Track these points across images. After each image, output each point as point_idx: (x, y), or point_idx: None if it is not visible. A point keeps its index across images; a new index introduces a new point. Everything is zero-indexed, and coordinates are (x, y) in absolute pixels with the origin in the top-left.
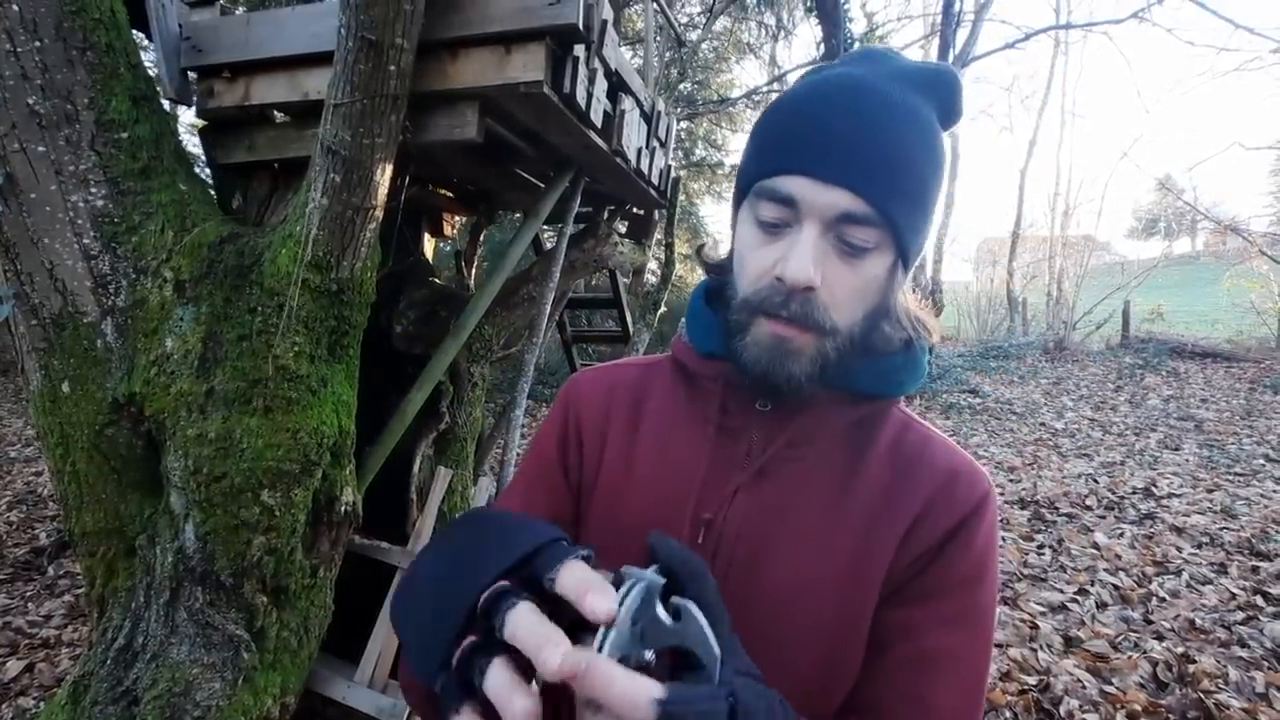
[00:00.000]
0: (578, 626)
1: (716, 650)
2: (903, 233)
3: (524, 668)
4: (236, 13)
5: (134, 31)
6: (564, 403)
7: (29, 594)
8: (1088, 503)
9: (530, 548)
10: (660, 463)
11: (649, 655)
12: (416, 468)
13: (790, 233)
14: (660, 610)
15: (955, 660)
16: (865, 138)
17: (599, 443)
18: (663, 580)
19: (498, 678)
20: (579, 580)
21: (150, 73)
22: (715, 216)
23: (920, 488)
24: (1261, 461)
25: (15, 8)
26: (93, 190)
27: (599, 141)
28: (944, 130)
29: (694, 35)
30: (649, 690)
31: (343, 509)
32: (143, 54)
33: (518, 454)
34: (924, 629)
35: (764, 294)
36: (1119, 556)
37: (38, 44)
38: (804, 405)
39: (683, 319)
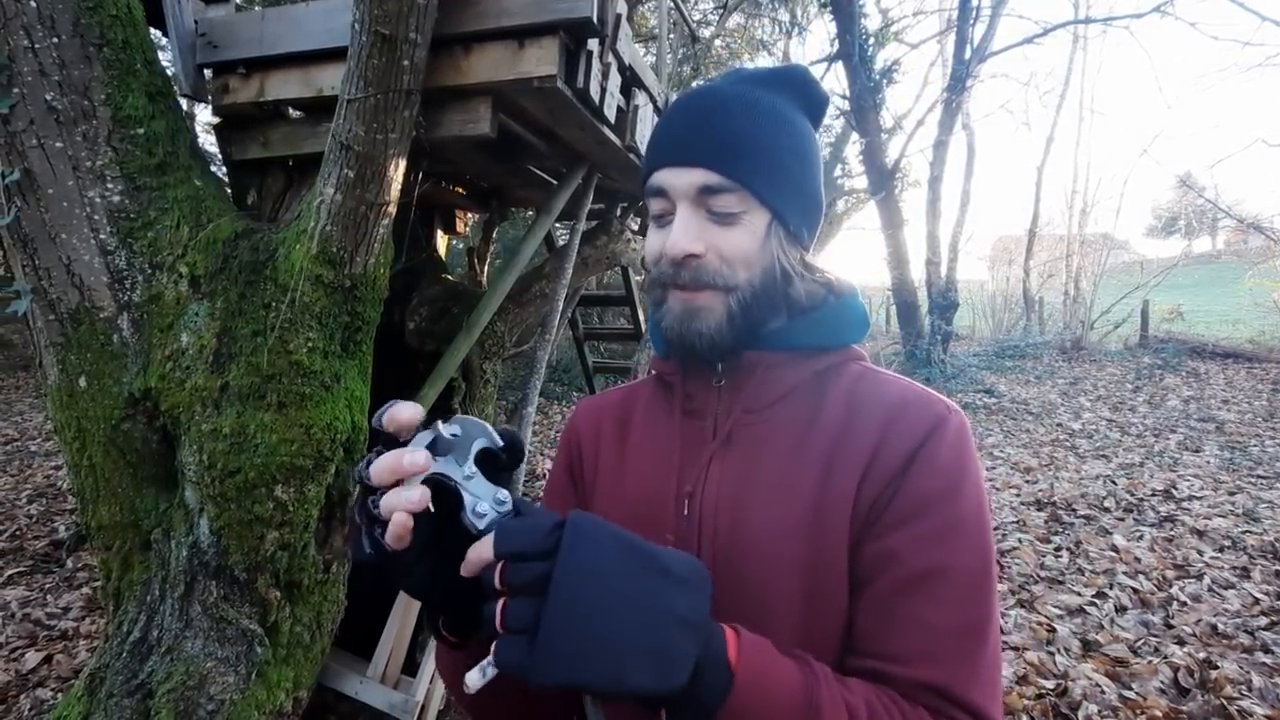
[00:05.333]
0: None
1: (499, 440)
2: (765, 195)
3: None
4: (252, 9)
5: (150, 28)
6: (565, 438)
7: (48, 586)
8: (1106, 505)
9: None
10: (645, 455)
11: (471, 468)
12: None
13: (672, 218)
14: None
15: (944, 577)
16: (708, 125)
17: (594, 454)
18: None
19: (374, 469)
20: (392, 457)
21: (166, 69)
22: None
23: (873, 422)
24: None
25: (33, 4)
26: (109, 186)
27: (612, 137)
28: (814, 116)
29: (708, 31)
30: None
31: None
32: (159, 51)
33: (530, 450)
34: (905, 553)
35: (663, 269)
36: (1138, 559)
37: (55, 40)
38: (751, 373)
39: None
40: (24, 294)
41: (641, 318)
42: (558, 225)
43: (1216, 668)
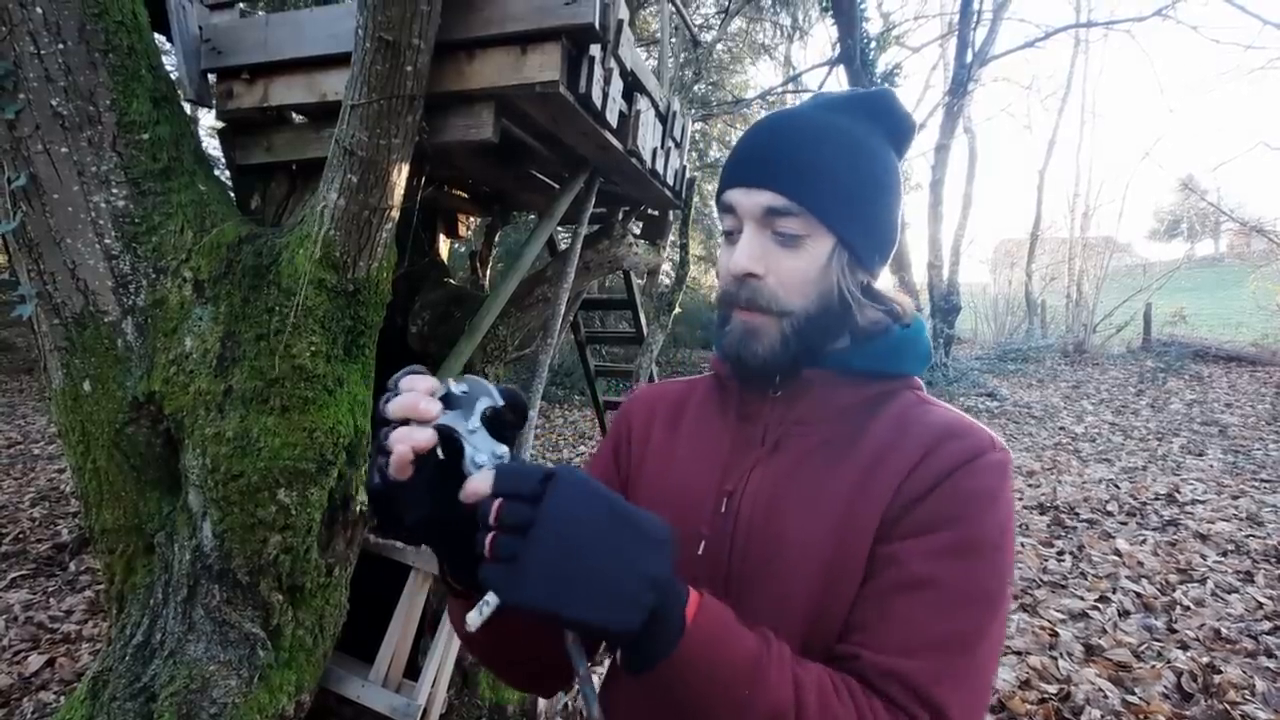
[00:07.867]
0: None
1: (498, 399)
2: (830, 220)
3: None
4: (256, 15)
5: (155, 34)
6: (618, 420)
7: (51, 589)
8: (1109, 508)
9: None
10: (693, 449)
11: (475, 424)
12: None
13: (740, 236)
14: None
15: (942, 587)
16: (783, 148)
17: (645, 438)
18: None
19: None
20: (409, 387)
21: (171, 75)
22: None
23: (917, 445)
24: None
25: (39, 10)
26: (114, 191)
27: (614, 142)
28: (898, 142)
29: (709, 36)
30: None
31: (358, 508)
32: (163, 56)
33: (532, 454)
34: (910, 558)
35: (728, 287)
36: (1141, 563)
37: (61, 46)
38: (808, 388)
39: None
40: (29, 298)
41: (643, 321)
42: (560, 229)
43: (1220, 672)
